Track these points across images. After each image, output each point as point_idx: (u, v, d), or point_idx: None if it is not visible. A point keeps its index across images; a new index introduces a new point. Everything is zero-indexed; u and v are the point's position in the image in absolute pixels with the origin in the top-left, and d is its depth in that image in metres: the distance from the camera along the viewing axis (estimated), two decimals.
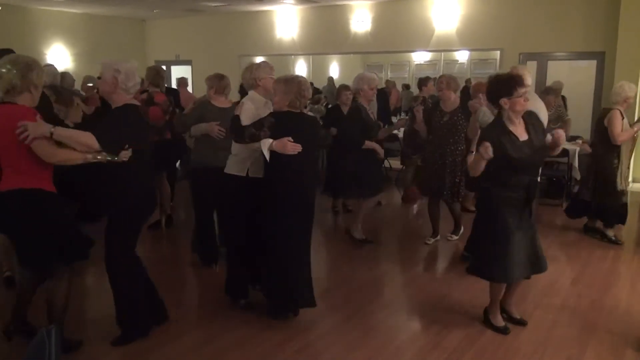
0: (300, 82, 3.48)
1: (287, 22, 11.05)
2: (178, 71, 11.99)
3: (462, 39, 9.37)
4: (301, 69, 12.33)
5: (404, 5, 9.79)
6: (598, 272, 4.61)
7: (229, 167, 3.80)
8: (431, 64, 11.77)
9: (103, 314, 3.66)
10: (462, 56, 11.20)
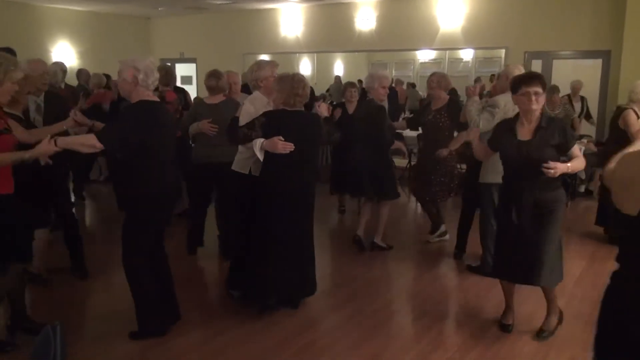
0: (294, 80, 3.42)
1: (291, 20, 11.05)
2: (182, 69, 12.00)
3: (467, 38, 9.34)
4: (305, 67, 12.33)
5: (408, 4, 9.77)
6: (602, 272, 4.60)
7: (235, 164, 3.84)
8: (436, 62, 11.75)
9: (112, 309, 3.69)
10: (467, 54, 11.18)
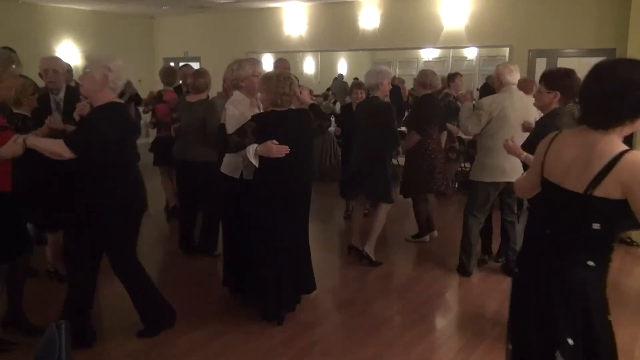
0: (279, 79, 3.30)
1: (295, 19, 11.04)
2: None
3: (470, 36, 9.31)
4: (309, 65, 12.33)
5: (412, 2, 9.74)
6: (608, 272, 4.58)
7: (224, 167, 3.71)
8: (439, 60, 11.72)
9: (117, 307, 3.70)
10: (471, 53, 11.15)
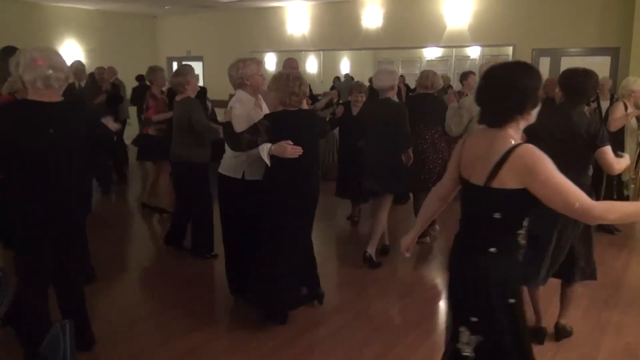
0: (289, 79, 3.30)
1: (298, 18, 11.04)
2: None
3: (474, 35, 9.29)
4: (312, 65, 12.32)
5: (415, 1, 9.73)
6: (611, 271, 4.57)
7: (224, 167, 3.66)
8: (442, 60, 11.71)
9: (116, 309, 3.71)
10: (474, 52, 11.12)
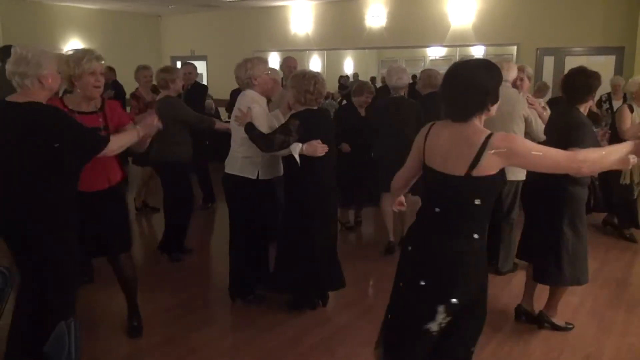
0: (304, 77, 3.35)
1: (301, 18, 11.04)
2: None
3: (478, 34, 9.27)
4: (315, 64, 12.31)
5: (419, 0, 9.71)
6: (615, 271, 4.55)
7: (235, 168, 3.62)
8: (446, 59, 11.66)
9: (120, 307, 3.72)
10: (478, 51, 11.07)
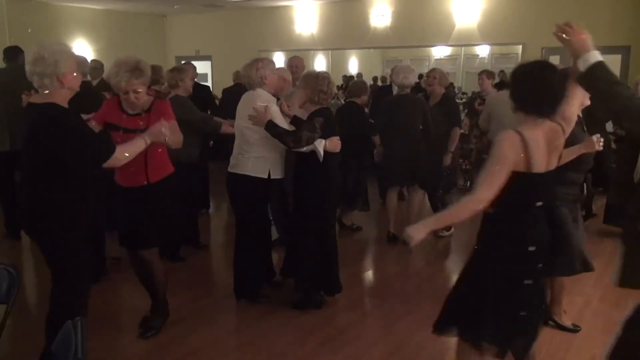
0: (319, 77, 3.52)
1: (306, 17, 11.05)
2: (198, 67, 11.95)
3: (483, 33, 9.26)
4: (320, 64, 12.31)
5: (424, 0, 9.71)
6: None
7: (244, 167, 3.62)
8: (451, 58, 11.64)
9: (124, 306, 3.73)
10: (483, 51, 11.06)
